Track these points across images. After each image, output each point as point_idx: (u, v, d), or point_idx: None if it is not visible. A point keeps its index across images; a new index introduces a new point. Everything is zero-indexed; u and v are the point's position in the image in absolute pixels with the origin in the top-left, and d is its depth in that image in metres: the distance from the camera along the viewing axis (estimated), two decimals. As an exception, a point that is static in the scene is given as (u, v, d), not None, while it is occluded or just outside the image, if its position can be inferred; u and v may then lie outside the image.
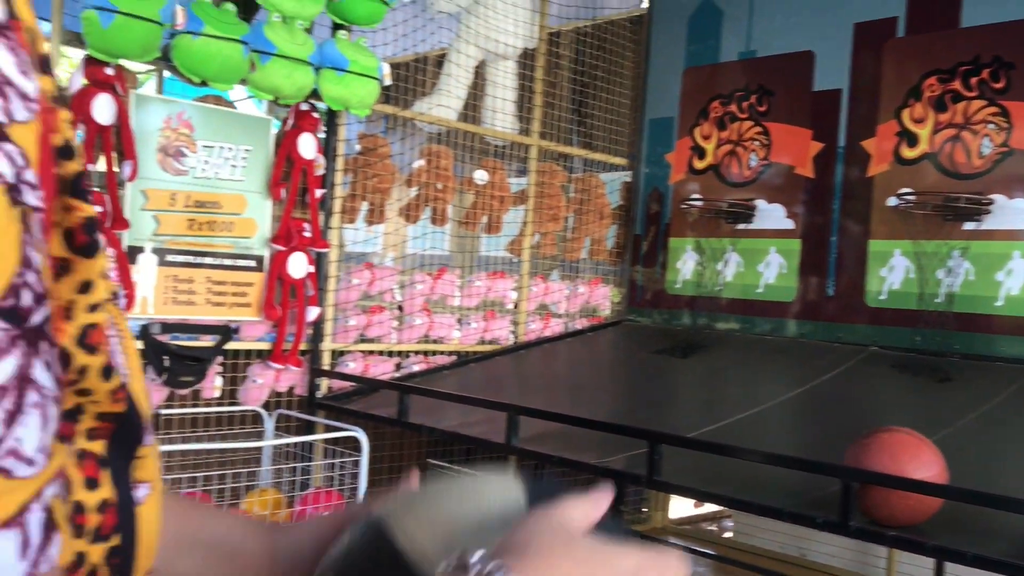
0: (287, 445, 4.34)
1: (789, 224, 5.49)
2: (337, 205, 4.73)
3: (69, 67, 3.96)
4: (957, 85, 4.81)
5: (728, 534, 6.77)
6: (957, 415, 3.91)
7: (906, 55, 5.03)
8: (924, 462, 2.74)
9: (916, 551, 2.78)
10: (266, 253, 4.44)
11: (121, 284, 3.96)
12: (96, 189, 3.87)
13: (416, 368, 5.13)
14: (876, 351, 4.95)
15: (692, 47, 6.07)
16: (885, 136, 5.08)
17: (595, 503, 0.70)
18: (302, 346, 4.58)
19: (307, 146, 4.43)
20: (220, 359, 4.34)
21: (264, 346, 4.51)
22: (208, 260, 4.26)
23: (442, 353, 5.32)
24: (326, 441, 4.44)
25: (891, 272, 5.02)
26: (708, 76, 5.98)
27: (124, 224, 3.95)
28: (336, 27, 4.53)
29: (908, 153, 4.99)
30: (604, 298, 6.33)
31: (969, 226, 4.69)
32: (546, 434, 3.96)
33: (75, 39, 3.76)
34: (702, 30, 6.02)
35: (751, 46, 5.76)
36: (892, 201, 4.95)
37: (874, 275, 5.09)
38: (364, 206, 4.92)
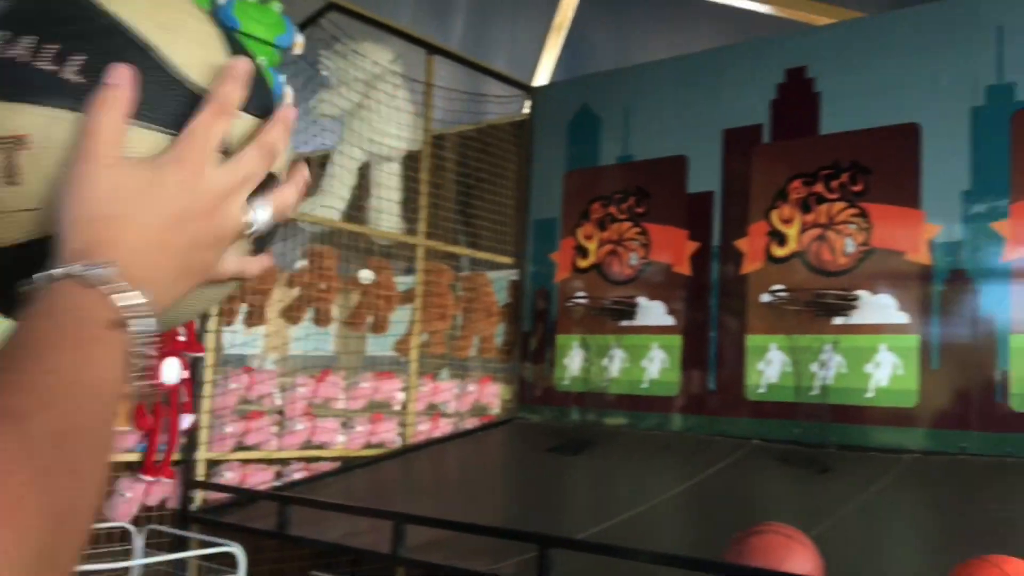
0: (158, 564, 4.07)
1: (670, 320, 5.62)
2: (214, 307, 4.59)
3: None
4: (820, 188, 5.09)
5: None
6: (837, 506, 4.00)
7: (773, 159, 5.31)
8: (795, 560, 2.77)
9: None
10: (138, 359, 4.24)
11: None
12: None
13: (298, 476, 4.94)
14: (758, 444, 5.05)
15: (572, 151, 6.27)
16: (756, 235, 5.30)
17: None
18: (175, 456, 4.36)
19: (184, 248, 4.31)
20: (85, 473, 4.08)
21: (134, 457, 4.27)
22: (75, 368, 4.04)
23: (326, 459, 5.15)
24: (200, 558, 4.19)
25: (768, 366, 5.17)
26: (589, 179, 6.16)
27: None
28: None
29: (778, 252, 5.22)
30: (494, 396, 6.29)
31: (838, 321, 4.89)
32: (436, 541, 3.85)
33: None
34: (581, 135, 6.23)
35: (628, 151, 5.98)
36: (766, 297, 5.14)
37: (753, 369, 5.24)
38: (243, 308, 4.79)
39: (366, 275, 5.42)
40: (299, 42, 4.65)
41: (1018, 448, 4.34)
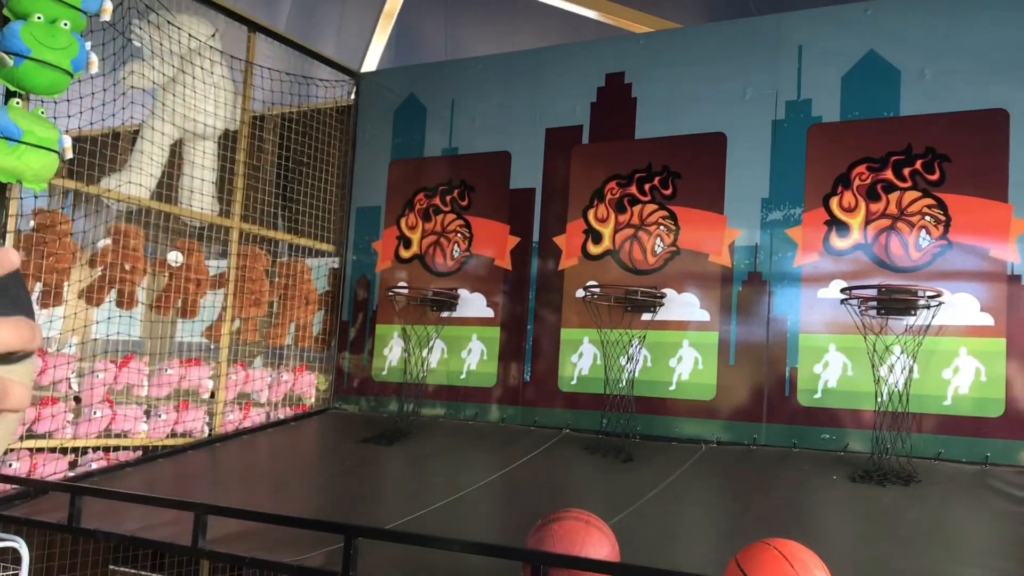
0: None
1: (490, 312, 5.70)
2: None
3: None
4: (633, 190, 5.30)
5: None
6: (639, 494, 4.18)
7: (591, 160, 5.49)
8: (592, 545, 2.88)
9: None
10: (-89, 340, 3.88)
11: None
12: None
13: (95, 466, 4.67)
14: (569, 433, 5.21)
15: (398, 140, 6.24)
16: (574, 233, 5.47)
17: None
18: (-47, 446, 4.01)
19: (-31, 221, 3.98)
20: None
21: (-96, 447, 3.90)
22: None
23: (126, 448, 4.89)
24: (-21, 554, 3.89)
25: (581, 359, 5.35)
26: (414, 169, 6.15)
27: None
28: (9, 94, 4.15)
29: (594, 249, 5.40)
30: (310, 386, 6.18)
31: (646, 317, 5.12)
32: (243, 533, 3.74)
33: None
34: (408, 124, 6.21)
35: (454, 143, 6.02)
36: (580, 293, 5.31)
37: (567, 361, 5.40)
38: (38, 287, 4.47)
39: (175, 257, 5.18)
40: (108, 8, 4.38)
41: (803, 440, 4.69)
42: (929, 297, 4.34)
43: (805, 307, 4.79)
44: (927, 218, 4.52)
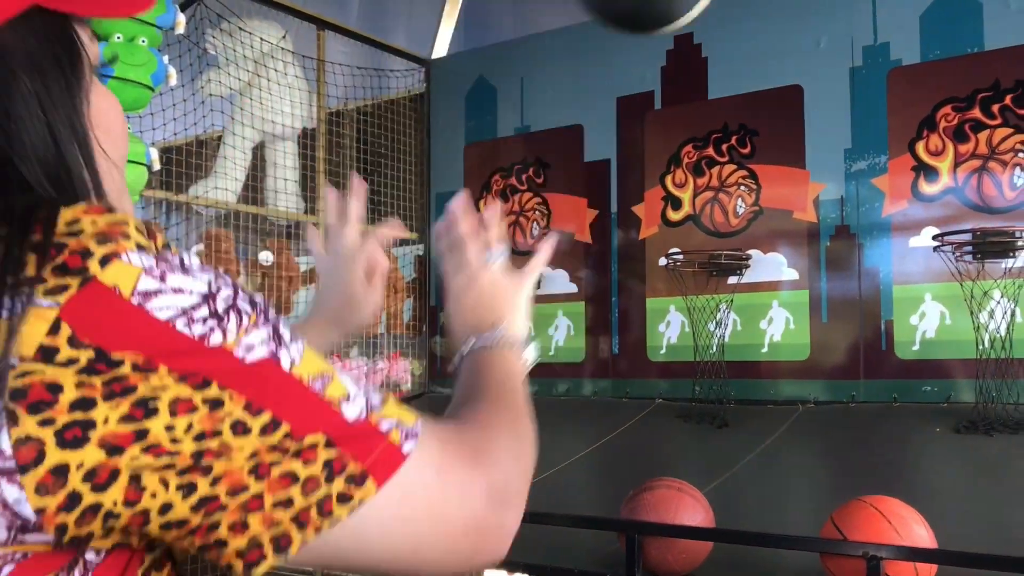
0: None
1: (573, 288, 5.71)
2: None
3: None
4: (710, 151, 5.22)
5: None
6: (735, 458, 4.15)
7: (665, 125, 5.42)
8: (685, 511, 2.88)
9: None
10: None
11: None
12: None
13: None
14: (662, 403, 5.20)
15: (471, 123, 6.28)
16: (653, 201, 5.42)
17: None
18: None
19: (71, 237, 4.19)
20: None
21: None
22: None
23: (235, 443, 5.10)
24: None
25: (668, 327, 5.31)
26: (488, 151, 6.18)
27: None
28: (98, 113, 4.34)
29: (674, 216, 5.34)
30: (405, 372, 6.31)
31: (732, 280, 5.05)
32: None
33: None
34: (479, 107, 6.24)
35: (525, 121, 6.02)
36: (663, 261, 5.27)
37: (654, 331, 5.37)
38: (140, 296, 4.69)
39: (266, 257, 5.35)
40: (181, 21, 4.53)
41: (902, 394, 4.56)
42: (1028, 237, 4.15)
43: (897, 257, 4.64)
44: (1021, 154, 4.32)
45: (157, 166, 4.43)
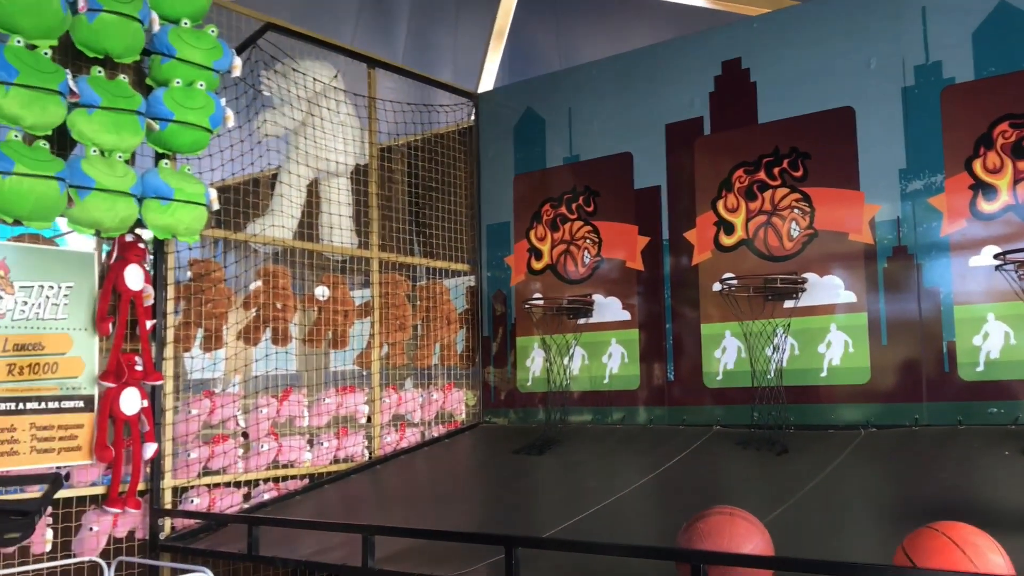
0: (129, 595, 4.06)
1: (626, 315, 5.70)
2: (170, 335, 4.59)
3: None
4: (762, 175, 5.19)
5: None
6: (797, 486, 4.08)
7: (715, 151, 5.41)
8: (740, 536, 2.85)
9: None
10: (95, 391, 4.24)
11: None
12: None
13: (267, 496, 4.95)
14: (719, 430, 5.14)
15: (520, 155, 6.33)
16: (704, 226, 5.40)
17: None
18: (140, 486, 4.35)
19: (134, 277, 4.31)
20: (50, 509, 4.06)
21: (99, 490, 4.26)
22: (32, 405, 4.03)
23: (294, 477, 5.16)
24: (172, 585, 4.19)
25: (724, 353, 5.27)
26: (538, 181, 6.22)
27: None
28: (159, 156, 4.47)
29: (726, 241, 5.31)
30: (459, 402, 6.33)
31: (788, 304, 4.99)
32: (409, 550, 3.88)
33: None
34: (528, 138, 6.30)
35: (574, 151, 6.06)
36: (717, 286, 5.23)
37: (709, 357, 5.33)
38: (200, 333, 4.79)
39: (322, 292, 5.43)
40: (237, 64, 4.67)
41: (967, 416, 4.46)
42: (1094, 254, 4.05)
43: (957, 277, 4.56)
44: (1083, 170, 4.23)
45: (216, 206, 4.55)
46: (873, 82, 4.88)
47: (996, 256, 4.30)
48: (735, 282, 5.09)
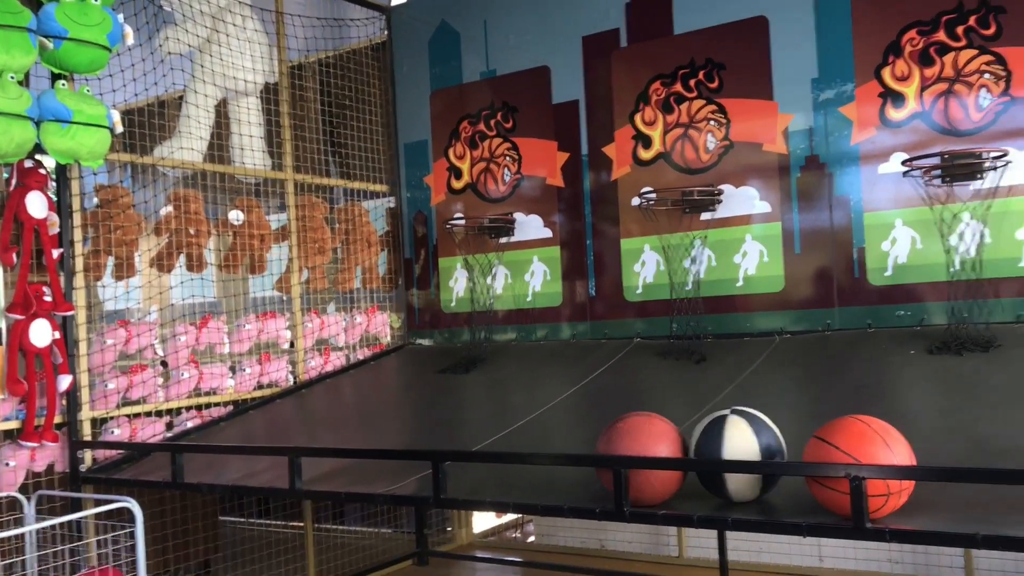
0: (52, 528, 4.00)
1: (547, 233, 5.71)
2: (79, 264, 4.43)
3: None
4: (679, 87, 5.20)
5: (532, 538, 6.93)
6: (715, 392, 4.21)
7: (632, 63, 5.38)
8: (656, 436, 2.94)
9: (683, 524, 2.97)
10: (2, 324, 4.08)
11: None
12: None
13: (190, 424, 4.89)
14: (640, 342, 5.24)
15: (435, 70, 6.20)
16: (623, 141, 5.40)
17: None
18: (56, 419, 4.24)
19: (36, 205, 4.13)
20: (-39, 447, 3.95)
21: (13, 424, 4.14)
22: (-66, 340, 3.87)
23: (217, 405, 5.10)
24: (96, 517, 4.14)
25: (643, 267, 5.34)
26: (455, 97, 6.12)
27: None
28: (55, 77, 4.24)
29: (644, 155, 5.33)
30: (384, 325, 6.31)
31: (705, 216, 5.07)
32: (337, 471, 3.90)
33: None
34: (443, 53, 6.16)
35: (491, 65, 5.96)
36: (636, 201, 5.27)
37: (629, 272, 5.40)
38: (111, 261, 4.64)
39: (236, 215, 5.30)
40: (133, -23, 4.42)
41: (876, 319, 4.63)
42: (995, 158, 4.19)
43: (867, 185, 4.68)
44: (986, 76, 4.34)
45: (120, 128, 4.36)
46: (786, -9, 4.89)
47: (904, 162, 4.42)
48: (653, 196, 5.13)
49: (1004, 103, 4.30)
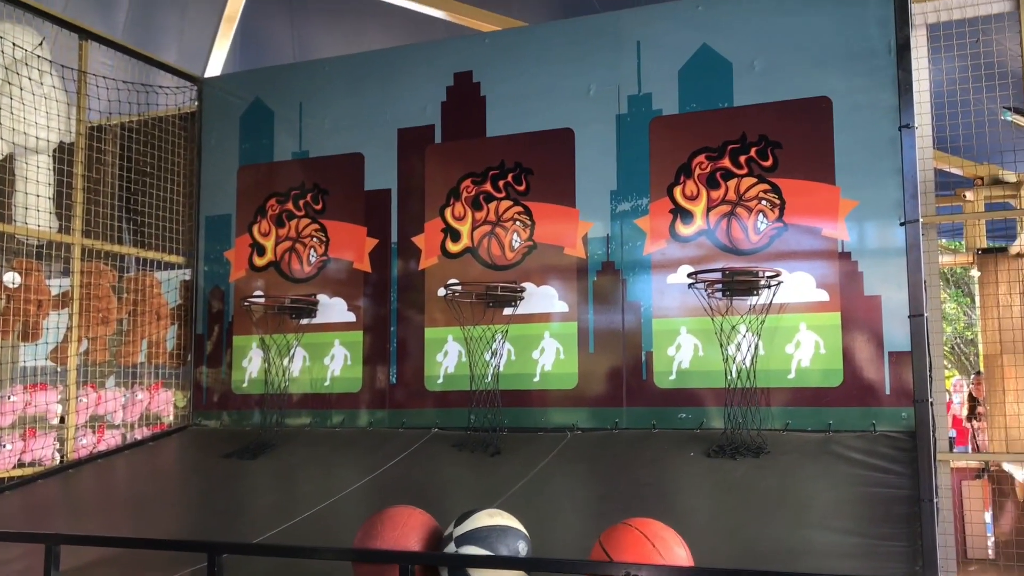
0: None
1: (351, 317, 5.66)
2: None
3: None
4: (488, 187, 5.37)
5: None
6: (507, 485, 4.25)
7: (445, 159, 5.52)
8: (418, 527, 2.98)
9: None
10: None
11: None
12: None
13: (-67, 505, 4.38)
14: (438, 432, 5.24)
15: (246, 145, 6.10)
16: (432, 232, 5.49)
17: None
18: None
19: None
20: None
21: None
22: None
23: (-32, 484, 4.61)
24: None
25: (446, 357, 5.38)
26: (264, 174, 6.02)
27: None
28: None
29: (453, 248, 5.44)
30: (167, 403, 5.97)
31: (508, 311, 5.20)
32: (101, 561, 3.59)
33: None
34: (255, 130, 6.08)
35: (304, 147, 5.93)
36: (441, 291, 5.34)
37: (432, 361, 5.42)
38: None
39: (11, 278, 4.91)
40: (-81, 16, 4.11)
41: (661, 420, 4.87)
42: (769, 277, 4.58)
43: (656, 293, 4.97)
44: (763, 202, 4.78)
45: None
46: (592, 107, 5.20)
47: (689, 275, 4.74)
48: (459, 288, 5.22)
49: (778, 228, 4.73)
